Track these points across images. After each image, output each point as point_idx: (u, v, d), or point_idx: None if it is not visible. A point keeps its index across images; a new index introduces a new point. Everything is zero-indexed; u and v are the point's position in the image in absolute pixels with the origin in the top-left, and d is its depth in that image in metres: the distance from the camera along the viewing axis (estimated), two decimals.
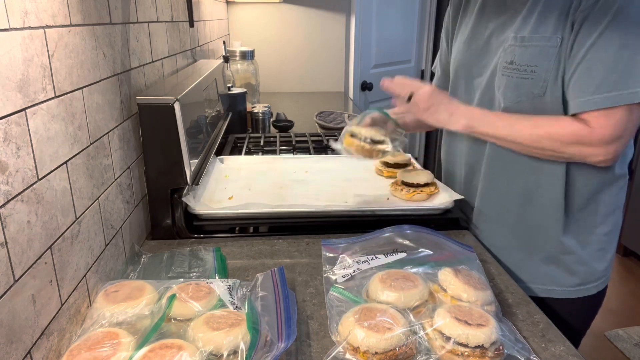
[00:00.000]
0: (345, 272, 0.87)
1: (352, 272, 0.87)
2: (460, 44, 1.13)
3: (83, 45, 0.79)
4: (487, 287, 0.80)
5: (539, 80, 0.95)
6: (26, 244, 0.61)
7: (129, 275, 0.89)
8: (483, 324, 0.69)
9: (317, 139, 1.75)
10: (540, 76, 0.94)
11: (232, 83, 1.91)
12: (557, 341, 0.75)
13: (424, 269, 0.85)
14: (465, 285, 0.79)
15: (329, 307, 0.78)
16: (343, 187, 1.26)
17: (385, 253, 0.92)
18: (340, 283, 0.84)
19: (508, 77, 0.98)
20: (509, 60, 0.98)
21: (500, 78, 1.01)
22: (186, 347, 0.63)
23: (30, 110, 0.63)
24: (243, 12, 2.78)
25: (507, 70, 0.99)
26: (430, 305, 0.76)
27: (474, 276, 0.82)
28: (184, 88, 1.13)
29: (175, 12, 1.43)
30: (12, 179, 0.58)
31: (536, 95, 0.96)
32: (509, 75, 0.98)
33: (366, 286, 0.82)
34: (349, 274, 0.87)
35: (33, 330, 0.62)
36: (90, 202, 0.80)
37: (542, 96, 0.95)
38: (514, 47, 0.98)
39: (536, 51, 0.94)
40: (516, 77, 0.97)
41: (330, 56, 2.93)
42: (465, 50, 1.12)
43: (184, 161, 1.03)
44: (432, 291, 0.80)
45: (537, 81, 0.95)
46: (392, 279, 0.81)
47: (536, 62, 0.94)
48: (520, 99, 0.97)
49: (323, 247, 0.97)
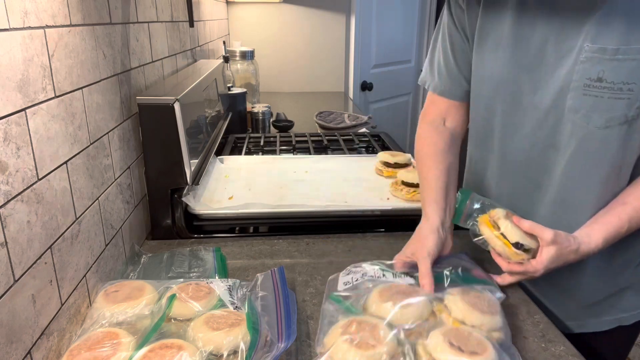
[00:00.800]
0: (346, 279, 0.83)
1: (355, 280, 0.82)
2: (497, 52, 0.92)
3: (83, 45, 0.79)
4: (496, 311, 0.73)
5: (636, 101, 0.79)
6: (26, 244, 0.61)
7: (129, 275, 0.89)
8: (478, 352, 0.63)
9: (317, 139, 1.75)
10: (637, 95, 0.79)
11: (232, 83, 1.91)
12: (557, 341, 0.75)
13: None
14: (471, 307, 0.72)
15: (321, 317, 0.74)
16: (343, 187, 1.26)
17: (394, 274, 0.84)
18: (340, 291, 0.80)
19: (595, 98, 0.81)
20: (596, 77, 0.80)
21: (580, 98, 0.82)
22: (186, 347, 0.63)
23: (30, 110, 0.63)
24: (243, 12, 2.78)
25: (592, 89, 0.81)
26: (428, 325, 0.70)
27: (485, 298, 0.75)
28: (184, 88, 1.13)
29: (175, 12, 1.43)
30: (12, 179, 0.58)
31: (629, 119, 0.80)
32: (597, 95, 0.81)
33: (365, 297, 0.77)
34: (349, 281, 0.82)
35: (33, 330, 0.62)
36: (90, 202, 0.80)
37: (636, 119, 0.80)
38: (602, 61, 0.79)
39: (633, 65, 0.78)
40: (607, 98, 0.80)
41: (330, 56, 2.93)
42: (505, 61, 0.91)
43: (184, 161, 1.03)
44: (434, 310, 0.74)
45: (633, 101, 0.79)
46: (391, 292, 0.76)
47: (634, 79, 0.78)
48: (610, 123, 0.81)
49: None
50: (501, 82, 0.93)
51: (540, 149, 0.91)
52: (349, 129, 1.93)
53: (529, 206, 0.94)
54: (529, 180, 0.94)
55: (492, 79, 0.94)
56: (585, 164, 0.86)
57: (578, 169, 0.86)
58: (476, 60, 0.97)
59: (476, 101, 1.00)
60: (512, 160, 0.96)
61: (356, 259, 0.98)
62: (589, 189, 0.84)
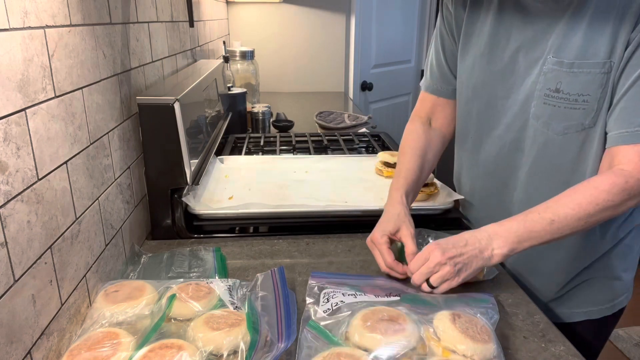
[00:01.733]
0: (326, 307, 0.75)
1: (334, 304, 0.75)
2: (476, 57, 0.98)
3: (83, 45, 0.79)
4: (490, 338, 0.68)
5: (591, 111, 0.83)
6: (26, 244, 0.61)
7: (129, 275, 0.89)
8: None
9: (317, 139, 1.75)
10: (592, 106, 0.83)
11: (232, 83, 1.91)
12: (557, 341, 0.75)
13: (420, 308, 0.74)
14: (462, 335, 0.67)
15: (298, 348, 0.67)
16: (343, 187, 1.26)
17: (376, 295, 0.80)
18: (319, 318, 0.73)
19: (553, 107, 0.86)
20: (554, 88, 0.85)
21: (541, 107, 0.88)
22: (186, 347, 0.63)
23: (30, 110, 0.63)
24: (243, 12, 2.78)
25: (551, 99, 0.86)
26: (416, 357, 0.65)
27: (477, 323, 0.70)
28: (184, 88, 1.13)
29: (175, 12, 1.43)
30: (12, 179, 0.58)
31: (586, 127, 0.85)
32: (555, 104, 0.86)
33: (347, 323, 0.71)
34: (329, 308, 0.75)
35: (33, 330, 0.62)
36: (90, 202, 0.80)
37: (593, 127, 0.84)
38: (559, 73, 0.84)
39: (588, 78, 0.82)
40: (564, 107, 0.85)
41: (330, 56, 2.93)
42: (483, 67, 0.97)
43: (184, 161, 1.03)
44: (423, 338, 0.68)
45: (588, 112, 0.83)
46: (375, 318, 0.69)
47: (588, 91, 0.82)
48: (568, 130, 0.86)
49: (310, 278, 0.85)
50: (477, 85, 0.99)
51: (508, 151, 0.97)
52: (349, 129, 1.93)
53: (501, 204, 1.01)
54: (498, 180, 1.01)
55: (470, 82, 1.01)
56: (547, 167, 0.92)
57: (540, 172, 0.93)
58: (460, 63, 1.04)
59: (458, 103, 1.07)
60: (484, 160, 1.03)
61: (356, 258, 0.98)
62: (551, 191, 0.84)
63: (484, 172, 1.04)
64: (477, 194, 1.08)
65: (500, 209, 1.00)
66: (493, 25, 0.95)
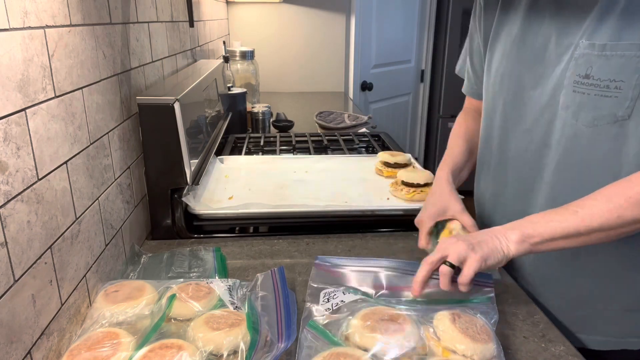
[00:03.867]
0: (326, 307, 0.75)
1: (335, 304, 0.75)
2: (506, 46, 0.92)
3: (83, 45, 0.79)
4: (490, 338, 0.67)
5: (625, 100, 0.75)
6: (26, 244, 0.61)
7: (129, 275, 0.89)
8: None
9: (317, 139, 1.75)
10: (626, 94, 0.74)
11: (232, 83, 1.91)
12: (557, 341, 0.75)
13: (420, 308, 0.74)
14: (462, 335, 0.66)
15: (298, 348, 0.67)
16: (343, 187, 1.26)
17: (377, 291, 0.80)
18: (319, 318, 0.73)
19: (583, 95, 0.78)
20: (584, 74, 0.78)
21: (570, 95, 0.80)
22: (186, 347, 0.63)
23: (30, 110, 0.63)
24: (243, 12, 2.78)
25: (581, 86, 0.79)
26: (416, 357, 0.65)
27: (477, 323, 0.69)
28: (184, 88, 1.13)
29: (175, 12, 1.43)
30: (12, 179, 0.58)
31: (619, 119, 0.76)
32: (585, 92, 0.78)
33: (346, 324, 0.71)
34: (329, 308, 0.75)
35: (33, 330, 0.62)
36: (90, 202, 0.80)
37: (627, 119, 0.75)
38: (590, 57, 0.77)
39: (621, 62, 0.74)
40: (594, 95, 0.77)
41: (330, 56, 2.93)
42: (512, 55, 0.91)
43: (184, 161, 1.03)
44: (423, 338, 0.68)
45: (621, 100, 0.75)
46: (375, 318, 0.69)
47: (622, 77, 0.74)
48: (598, 122, 0.78)
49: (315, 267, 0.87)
50: (504, 75, 0.93)
51: (536, 148, 0.89)
52: (349, 129, 1.93)
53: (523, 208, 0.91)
54: (522, 181, 0.93)
55: (497, 73, 0.94)
56: (574, 165, 0.83)
57: (568, 170, 0.84)
58: (488, 57, 0.99)
59: (485, 99, 1.01)
60: (510, 158, 0.95)
61: None
62: (579, 193, 0.77)
63: (509, 172, 0.96)
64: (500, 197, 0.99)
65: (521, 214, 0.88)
66: (524, 15, 0.89)
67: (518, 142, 0.92)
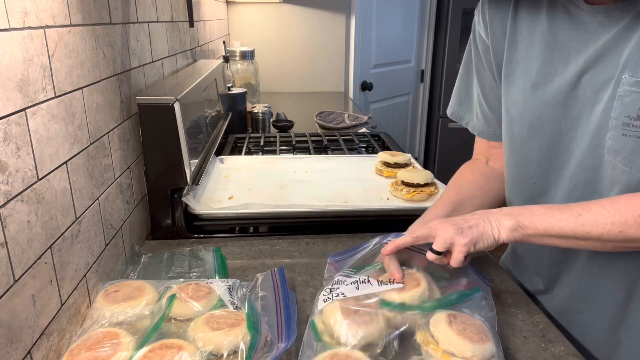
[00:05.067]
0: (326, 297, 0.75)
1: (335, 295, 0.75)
2: (526, 89, 0.81)
3: (83, 45, 0.79)
4: (487, 337, 0.67)
5: None
6: (26, 244, 0.61)
7: (129, 275, 0.89)
8: None
9: (317, 139, 1.75)
10: None
11: (232, 83, 1.91)
12: (557, 341, 0.75)
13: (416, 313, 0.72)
14: (460, 337, 0.66)
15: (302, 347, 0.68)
16: (343, 187, 1.26)
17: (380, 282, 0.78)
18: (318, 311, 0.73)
19: (637, 139, 0.68)
20: (635, 115, 0.68)
21: (619, 139, 0.70)
22: (186, 347, 0.63)
23: (30, 110, 0.63)
24: (243, 12, 2.78)
25: (632, 129, 0.68)
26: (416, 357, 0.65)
27: (474, 323, 0.69)
28: (184, 88, 1.13)
29: (175, 12, 1.43)
30: (12, 179, 0.58)
31: None
32: (638, 135, 0.68)
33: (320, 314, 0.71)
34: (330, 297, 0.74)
35: (33, 330, 0.62)
36: (90, 202, 0.80)
37: None
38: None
39: None
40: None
41: (330, 56, 2.93)
42: (538, 99, 0.80)
43: (184, 161, 1.03)
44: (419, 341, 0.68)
45: None
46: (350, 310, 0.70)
47: None
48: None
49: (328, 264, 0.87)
50: (533, 122, 0.82)
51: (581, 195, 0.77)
52: (349, 129, 1.93)
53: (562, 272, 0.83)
54: None
55: (524, 120, 0.83)
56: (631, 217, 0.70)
57: None
58: (505, 99, 0.87)
59: (511, 146, 0.88)
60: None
61: None
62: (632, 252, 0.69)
63: None
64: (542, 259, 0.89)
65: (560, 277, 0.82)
66: (544, 49, 0.79)
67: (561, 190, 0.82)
